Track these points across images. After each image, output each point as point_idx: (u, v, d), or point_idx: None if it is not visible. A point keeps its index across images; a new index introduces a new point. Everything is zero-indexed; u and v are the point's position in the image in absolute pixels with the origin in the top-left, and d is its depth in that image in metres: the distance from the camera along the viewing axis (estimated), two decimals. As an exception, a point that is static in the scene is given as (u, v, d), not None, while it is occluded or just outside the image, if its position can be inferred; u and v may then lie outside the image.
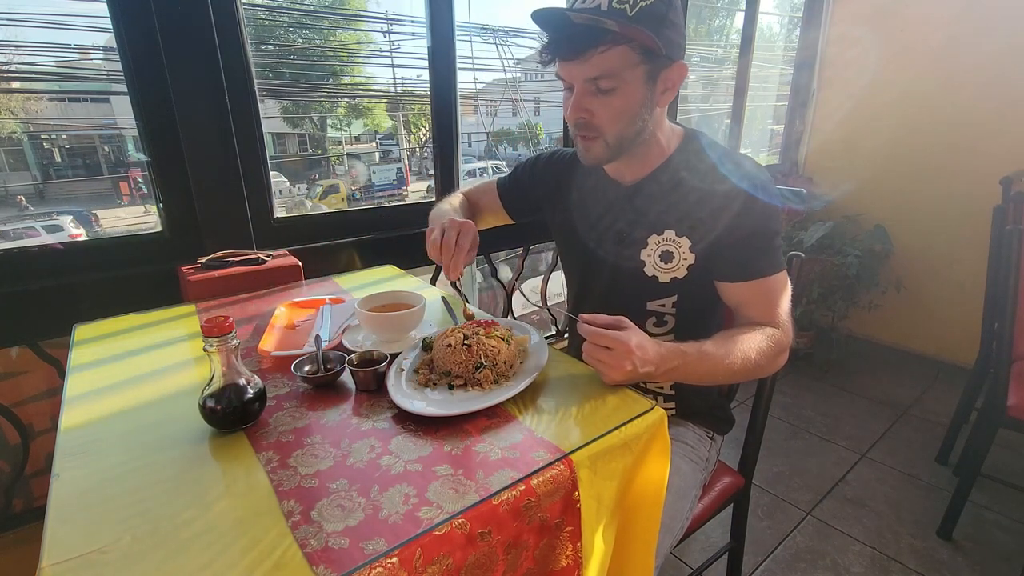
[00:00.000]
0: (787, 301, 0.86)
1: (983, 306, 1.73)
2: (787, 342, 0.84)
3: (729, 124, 2.60)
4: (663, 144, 0.89)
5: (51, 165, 9.89)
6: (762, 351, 0.80)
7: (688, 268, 0.86)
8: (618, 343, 0.67)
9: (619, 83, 0.77)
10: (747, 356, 0.78)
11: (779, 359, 0.83)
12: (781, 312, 0.85)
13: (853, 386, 2.39)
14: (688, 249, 0.86)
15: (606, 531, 0.63)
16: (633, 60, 0.76)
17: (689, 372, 0.76)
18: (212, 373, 0.62)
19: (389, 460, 0.58)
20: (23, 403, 1.15)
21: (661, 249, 0.88)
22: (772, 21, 3.91)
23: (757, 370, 0.80)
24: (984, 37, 2.11)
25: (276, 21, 9.14)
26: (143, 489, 0.54)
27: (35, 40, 5.75)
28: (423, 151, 12.31)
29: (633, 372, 0.68)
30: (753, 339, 0.80)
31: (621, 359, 0.67)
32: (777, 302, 0.84)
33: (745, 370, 0.79)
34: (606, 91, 0.78)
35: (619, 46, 0.74)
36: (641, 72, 0.77)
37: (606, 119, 0.80)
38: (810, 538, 1.54)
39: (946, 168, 2.28)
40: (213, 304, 1.06)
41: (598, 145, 0.84)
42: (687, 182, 0.87)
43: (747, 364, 0.78)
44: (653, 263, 0.88)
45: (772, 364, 0.82)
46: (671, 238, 0.87)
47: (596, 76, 0.77)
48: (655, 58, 0.76)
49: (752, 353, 0.79)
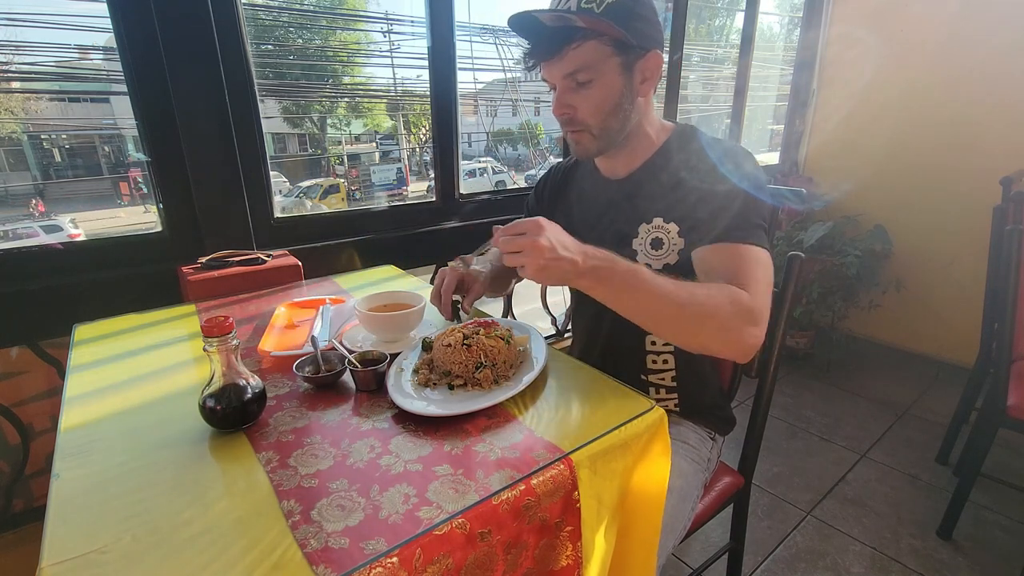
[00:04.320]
0: (762, 279, 0.76)
1: (983, 306, 1.73)
2: (752, 309, 0.71)
3: (729, 124, 2.60)
4: (652, 137, 0.91)
5: (51, 165, 9.89)
6: (717, 301, 0.70)
7: (679, 253, 0.87)
8: (527, 224, 0.65)
9: (595, 75, 0.81)
10: (694, 295, 0.69)
11: (743, 324, 0.71)
12: (753, 282, 0.74)
13: (853, 386, 2.39)
14: (677, 234, 0.87)
15: (606, 531, 0.63)
16: (606, 52, 0.79)
17: (621, 284, 0.68)
18: (212, 373, 0.62)
19: (389, 460, 0.58)
20: (23, 403, 1.15)
21: (651, 237, 0.89)
22: (772, 21, 3.91)
23: (709, 319, 0.69)
24: (984, 37, 2.11)
25: (276, 21, 9.14)
26: (143, 489, 0.54)
27: (35, 40, 5.74)
28: (423, 151, 12.32)
29: (552, 255, 0.63)
30: (707, 287, 0.72)
31: (534, 237, 0.63)
32: (748, 271, 0.75)
33: (695, 311, 0.69)
34: (584, 84, 0.82)
35: (590, 40, 0.78)
36: (616, 63, 0.81)
37: (588, 111, 0.84)
38: (810, 538, 1.54)
39: (946, 168, 2.27)
40: (213, 304, 1.06)
41: (586, 138, 0.87)
42: (676, 170, 0.88)
43: (696, 303, 0.69)
44: (645, 251, 0.89)
45: (732, 326, 0.70)
46: (660, 225, 0.88)
47: (573, 71, 0.81)
48: (628, 49, 0.80)
49: (701, 295, 0.70)
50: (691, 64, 6.77)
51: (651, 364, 0.97)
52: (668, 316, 0.70)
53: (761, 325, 0.73)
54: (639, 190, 0.91)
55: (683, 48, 2.12)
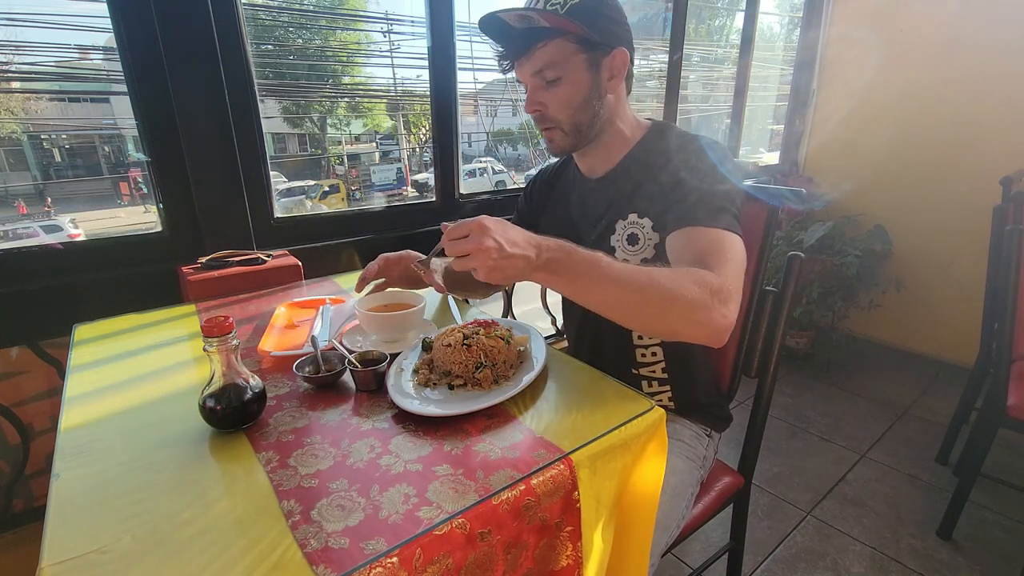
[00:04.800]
0: (732, 258, 0.74)
1: (983, 306, 1.73)
2: (719, 288, 0.68)
3: (729, 124, 2.60)
4: (626, 135, 0.92)
5: (51, 165, 9.88)
6: (680, 281, 0.66)
7: (654, 247, 0.88)
8: (470, 225, 0.62)
9: (562, 72, 0.83)
10: (655, 278, 0.66)
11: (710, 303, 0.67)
12: (720, 263, 0.72)
13: (853, 386, 2.39)
14: (651, 228, 0.88)
15: (605, 531, 0.63)
16: (570, 49, 0.82)
17: (577, 274, 0.65)
18: (212, 373, 0.62)
19: (389, 460, 0.58)
20: (23, 403, 1.15)
21: (627, 232, 0.90)
22: (772, 21, 3.91)
23: (674, 301, 0.65)
24: (984, 37, 2.11)
25: (276, 21, 9.13)
26: (143, 489, 0.54)
27: (35, 40, 5.73)
28: (423, 151, 12.31)
29: (501, 254, 0.60)
30: (669, 270, 0.69)
31: (479, 239, 0.60)
32: (716, 253, 0.73)
33: (658, 293, 0.65)
34: (552, 81, 0.84)
35: (555, 39, 0.81)
36: (581, 60, 0.83)
37: (557, 108, 0.86)
38: (810, 538, 1.54)
39: (946, 168, 2.28)
40: (213, 304, 1.06)
41: (557, 135, 0.89)
42: (649, 166, 0.89)
43: (657, 285, 0.65)
44: (622, 247, 0.90)
45: (699, 306, 0.66)
46: (634, 220, 0.89)
47: (540, 68, 0.84)
48: (593, 46, 0.82)
49: (663, 278, 0.66)
50: (691, 64, 6.77)
51: (640, 358, 0.98)
52: (631, 303, 0.66)
53: (731, 305, 0.69)
54: (615, 187, 0.93)
55: (683, 48, 2.12)
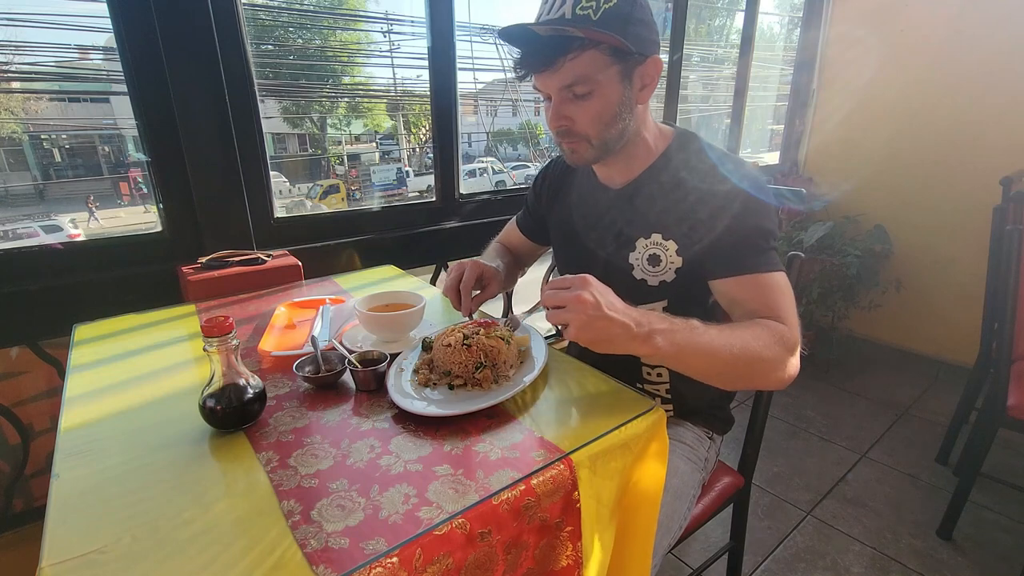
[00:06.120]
0: (790, 303, 0.78)
1: (983, 306, 1.73)
2: (794, 341, 0.74)
3: (729, 124, 2.60)
4: (650, 144, 0.88)
5: (51, 165, 9.87)
6: (764, 341, 0.70)
7: (676, 272, 0.85)
8: (573, 279, 0.64)
9: (594, 86, 0.77)
10: (746, 343, 0.69)
11: (788, 358, 0.72)
12: (783, 309, 0.76)
13: (853, 386, 2.39)
14: (675, 252, 0.84)
15: (605, 531, 0.63)
16: (604, 62, 0.76)
17: (680, 342, 0.66)
18: (212, 373, 0.62)
19: (389, 460, 0.58)
20: (23, 403, 1.15)
21: (648, 252, 0.87)
22: (772, 21, 3.91)
23: (761, 363, 0.70)
24: (984, 37, 2.11)
25: (276, 21, 9.13)
26: (143, 489, 0.54)
27: (35, 40, 5.74)
28: (423, 151, 12.31)
29: (597, 312, 0.61)
30: (753, 328, 0.72)
31: (579, 291, 0.62)
32: (776, 300, 0.77)
33: (747, 358, 0.68)
34: (582, 96, 0.78)
35: (588, 51, 0.74)
36: (615, 72, 0.77)
37: (587, 123, 0.80)
38: (810, 538, 1.54)
39: (946, 168, 2.27)
40: (213, 304, 1.06)
41: (583, 147, 0.83)
42: (677, 184, 0.85)
43: (748, 351, 0.68)
44: (641, 266, 0.88)
45: (780, 363, 0.72)
46: (658, 241, 0.86)
47: (570, 83, 0.77)
48: (626, 56, 0.76)
49: (751, 340, 0.69)
50: (691, 64, 6.77)
51: (646, 375, 0.97)
52: (721, 369, 0.70)
53: (798, 351, 0.75)
54: (637, 202, 0.89)
55: (683, 48, 2.12)
